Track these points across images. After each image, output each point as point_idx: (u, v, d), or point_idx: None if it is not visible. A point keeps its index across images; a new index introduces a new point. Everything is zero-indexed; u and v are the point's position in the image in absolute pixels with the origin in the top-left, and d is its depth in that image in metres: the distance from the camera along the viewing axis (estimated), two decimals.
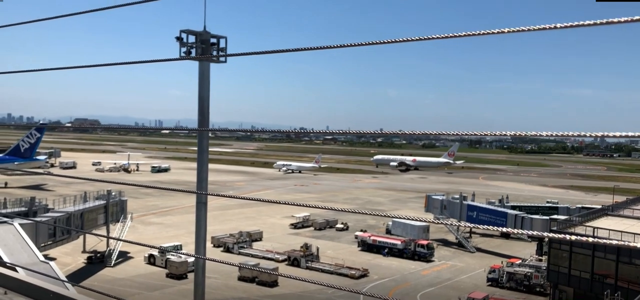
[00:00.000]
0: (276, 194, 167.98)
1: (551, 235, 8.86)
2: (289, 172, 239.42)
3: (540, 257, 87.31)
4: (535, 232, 7.74)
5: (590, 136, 6.44)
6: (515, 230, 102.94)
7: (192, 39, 28.17)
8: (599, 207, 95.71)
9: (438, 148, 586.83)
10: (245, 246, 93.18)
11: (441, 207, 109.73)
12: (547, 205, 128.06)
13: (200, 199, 29.51)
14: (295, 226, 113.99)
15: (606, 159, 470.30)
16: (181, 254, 77.16)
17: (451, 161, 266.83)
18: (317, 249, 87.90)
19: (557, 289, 72.48)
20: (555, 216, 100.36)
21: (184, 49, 27.92)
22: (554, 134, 6.69)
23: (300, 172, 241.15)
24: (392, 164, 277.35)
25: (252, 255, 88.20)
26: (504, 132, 7.37)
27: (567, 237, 62.39)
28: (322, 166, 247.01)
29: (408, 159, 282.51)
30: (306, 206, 9.94)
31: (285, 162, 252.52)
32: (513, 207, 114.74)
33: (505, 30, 6.36)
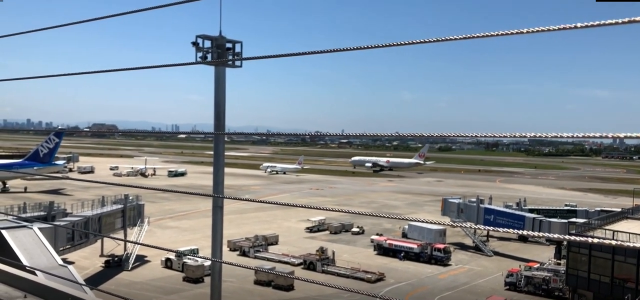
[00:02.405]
0: (292, 198, 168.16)
1: (570, 238, 8.62)
2: (274, 173, 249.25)
3: (559, 261, 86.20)
4: (553, 235, 7.65)
5: (610, 137, 6.34)
6: (533, 234, 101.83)
7: (208, 44, 28.34)
8: (619, 210, 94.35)
9: (454, 151, 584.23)
10: (261, 250, 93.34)
11: (458, 210, 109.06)
12: (566, 208, 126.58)
13: (216, 203, 29.65)
14: (310, 230, 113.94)
15: (626, 161, 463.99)
16: (198, 257, 77.47)
17: (422, 162, 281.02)
18: (333, 253, 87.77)
19: (577, 293, 71.57)
20: (573, 219, 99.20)
21: (200, 54, 28.11)
22: (573, 135, 6.60)
23: (284, 173, 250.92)
24: (366, 164, 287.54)
25: (268, 259, 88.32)
26: (523, 134, 7.27)
27: (589, 239, 61.59)
28: (304, 167, 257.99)
29: (382, 160, 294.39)
30: (322, 209, 9.93)
31: (270, 164, 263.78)
32: (531, 210, 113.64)
33: (524, 31, 6.30)
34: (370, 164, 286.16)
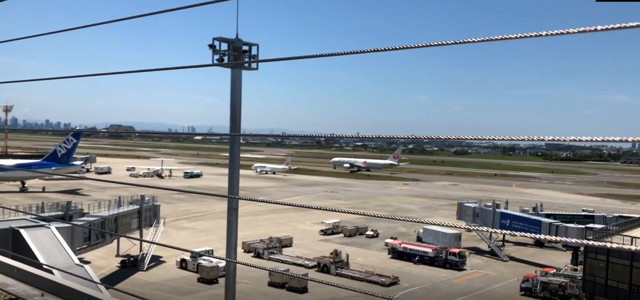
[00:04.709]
0: (306, 200, 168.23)
1: (587, 243, 8.55)
2: (264, 173, 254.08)
3: (576, 267, 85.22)
4: (570, 240, 7.57)
5: (629, 141, 6.25)
6: (550, 239, 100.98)
7: (224, 46, 28.50)
8: (638, 216, 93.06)
9: (470, 155, 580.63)
10: (275, 252, 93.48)
11: (473, 214, 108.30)
12: (583, 213, 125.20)
13: (231, 204, 29.76)
14: (325, 233, 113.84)
15: None
16: (212, 258, 77.78)
17: (396, 163, 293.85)
18: (347, 256, 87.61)
19: (594, 299, 70.67)
20: (591, 225, 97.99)
21: (216, 56, 28.28)
22: (591, 139, 6.52)
23: (274, 173, 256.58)
24: (345, 165, 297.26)
25: (282, 261, 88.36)
26: (541, 137, 7.19)
27: (608, 245, 60.91)
28: (291, 167, 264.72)
29: (359, 161, 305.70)
30: (336, 211, 9.92)
31: (260, 164, 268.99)
32: (547, 215, 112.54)
33: (543, 34, 6.24)
34: (348, 165, 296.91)
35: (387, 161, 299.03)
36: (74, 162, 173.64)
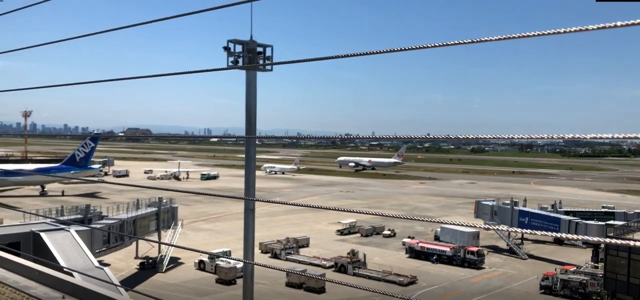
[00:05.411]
0: (322, 200, 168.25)
1: (608, 240, 8.44)
2: (273, 173, 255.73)
3: (596, 264, 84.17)
4: (591, 238, 7.46)
5: None
6: (570, 236, 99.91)
7: (239, 48, 28.58)
8: None
9: (487, 153, 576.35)
10: (292, 252, 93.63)
11: (491, 213, 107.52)
12: (603, 210, 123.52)
13: (248, 206, 29.86)
14: (341, 233, 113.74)
15: None
16: (230, 259, 78.11)
17: (400, 161, 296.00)
18: (364, 256, 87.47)
19: (615, 297, 69.74)
20: (611, 222, 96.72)
21: (231, 59, 28.36)
22: (611, 136, 6.44)
23: (283, 173, 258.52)
24: (350, 164, 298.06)
25: (299, 262, 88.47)
26: (560, 135, 7.11)
27: (630, 243, 60.01)
28: (300, 167, 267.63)
29: (364, 160, 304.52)
30: (353, 212, 9.90)
31: (269, 165, 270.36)
32: (566, 213, 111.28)
33: (561, 31, 6.18)
34: (353, 164, 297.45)
35: (392, 160, 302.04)
36: (92, 166, 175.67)
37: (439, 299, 72.91)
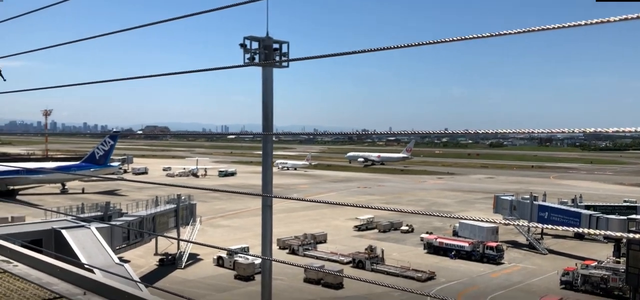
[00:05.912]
0: (340, 196, 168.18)
1: (630, 235, 8.23)
2: (286, 169, 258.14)
3: (618, 259, 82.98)
4: (612, 233, 7.34)
5: None
6: (591, 231, 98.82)
7: (255, 45, 28.61)
8: None
9: (506, 147, 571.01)
10: (310, 248, 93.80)
11: (510, 207, 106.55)
12: (625, 204, 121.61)
13: (265, 202, 29.90)
14: (359, 228, 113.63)
15: None
16: (248, 256, 78.52)
17: (409, 156, 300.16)
18: (382, 251, 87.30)
19: (638, 293, 68.66)
20: (633, 216, 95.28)
21: (247, 56, 28.38)
22: (634, 130, 6.33)
23: (295, 169, 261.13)
24: (359, 159, 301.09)
25: (317, 257, 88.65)
26: (582, 129, 6.98)
27: None
28: (312, 164, 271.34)
29: (373, 155, 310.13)
30: (370, 208, 9.87)
31: (282, 161, 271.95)
32: (587, 207, 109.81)
33: (582, 23, 6.09)
34: (362, 159, 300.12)
35: (401, 155, 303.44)
36: (112, 164, 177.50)
37: (458, 294, 72.52)
